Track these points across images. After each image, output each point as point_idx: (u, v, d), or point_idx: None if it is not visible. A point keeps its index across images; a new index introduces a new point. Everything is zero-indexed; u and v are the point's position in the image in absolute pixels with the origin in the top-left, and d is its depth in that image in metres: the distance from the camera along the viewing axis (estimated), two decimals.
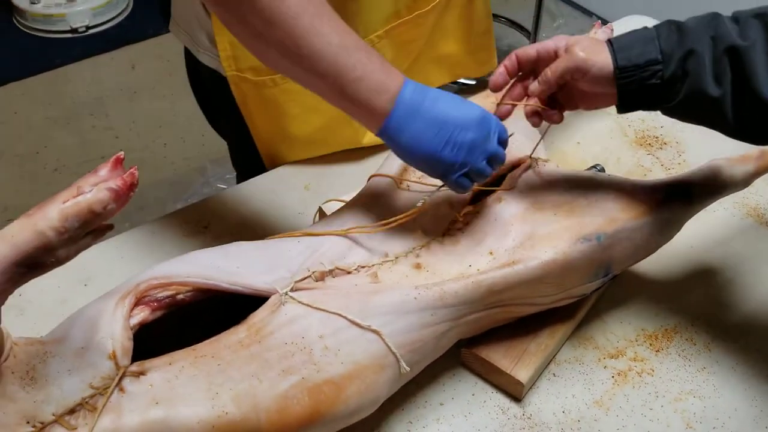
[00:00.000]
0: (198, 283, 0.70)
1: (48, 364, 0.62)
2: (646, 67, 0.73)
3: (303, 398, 0.67)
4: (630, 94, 0.75)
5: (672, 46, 0.72)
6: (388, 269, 0.79)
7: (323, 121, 1.06)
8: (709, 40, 0.72)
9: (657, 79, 0.73)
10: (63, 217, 0.53)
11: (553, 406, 0.83)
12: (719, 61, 0.71)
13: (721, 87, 0.71)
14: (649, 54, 0.73)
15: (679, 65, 0.72)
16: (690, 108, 0.74)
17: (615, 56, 0.74)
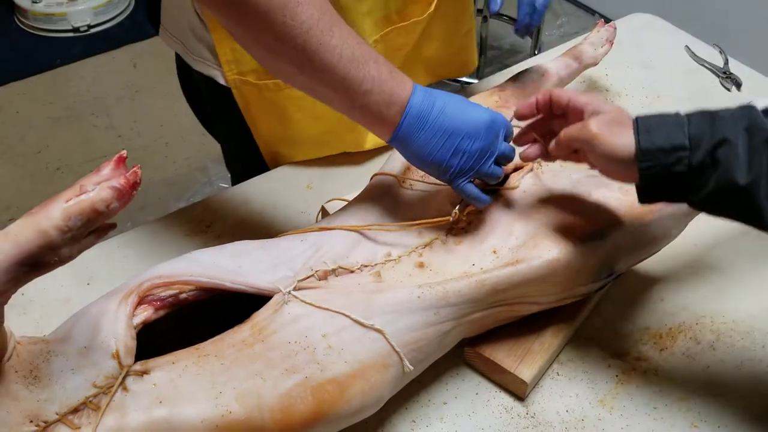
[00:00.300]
0: (201, 282, 0.70)
1: (51, 363, 0.62)
2: (672, 152, 0.68)
3: (306, 397, 0.67)
4: (652, 180, 0.69)
5: (702, 133, 0.68)
6: (391, 268, 0.79)
7: (326, 124, 1.06)
8: (742, 131, 0.67)
9: (683, 166, 0.68)
10: (66, 216, 0.52)
11: (556, 406, 0.83)
12: (755, 152, 0.66)
13: (752, 174, 0.66)
14: (676, 138, 0.68)
15: (709, 154, 0.67)
16: (720, 200, 0.69)
17: (638, 137, 0.69)
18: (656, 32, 1.41)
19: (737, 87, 1.28)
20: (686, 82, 1.28)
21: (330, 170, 1.11)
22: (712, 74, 1.30)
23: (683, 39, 1.38)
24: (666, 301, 0.94)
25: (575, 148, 0.75)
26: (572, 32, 2.88)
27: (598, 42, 1.14)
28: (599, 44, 1.14)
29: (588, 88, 1.26)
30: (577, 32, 2.81)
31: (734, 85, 1.28)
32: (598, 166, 0.74)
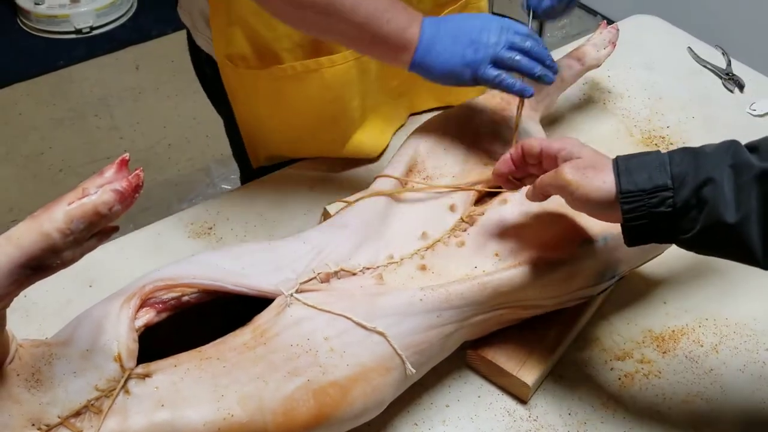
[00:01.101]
0: (203, 284, 0.70)
1: (53, 366, 0.62)
2: (655, 193, 0.66)
3: (308, 400, 0.67)
4: (637, 222, 0.68)
5: (685, 172, 0.66)
6: (393, 271, 0.79)
7: (304, 120, 1.07)
8: (728, 168, 0.65)
9: (667, 206, 0.66)
10: (68, 218, 0.52)
11: (559, 408, 0.83)
12: (743, 190, 0.64)
13: (740, 212, 0.64)
14: (658, 179, 0.66)
15: (694, 193, 0.65)
16: (710, 239, 0.67)
17: (619, 179, 0.67)
18: (658, 34, 1.41)
19: (740, 88, 1.27)
20: (688, 84, 1.28)
21: (332, 172, 1.11)
22: (715, 75, 1.30)
23: (685, 40, 1.38)
24: (669, 304, 0.94)
25: (551, 194, 0.74)
26: (574, 33, 2.87)
27: (600, 44, 1.14)
28: (602, 46, 1.14)
29: (590, 89, 1.26)
30: (579, 34, 2.80)
31: (737, 86, 1.28)
32: (578, 210, 0.73)
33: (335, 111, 1.05)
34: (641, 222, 0.67)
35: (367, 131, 1.10)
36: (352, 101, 1.05)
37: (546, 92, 1.04)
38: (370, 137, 1.11)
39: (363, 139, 1.10)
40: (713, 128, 1.19)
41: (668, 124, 1.20)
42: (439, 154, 0.92)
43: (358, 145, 1.10)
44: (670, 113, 1.22)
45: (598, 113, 1.22)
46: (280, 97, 1.03)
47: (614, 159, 0.70)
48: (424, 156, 0.91)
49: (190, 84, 1.17)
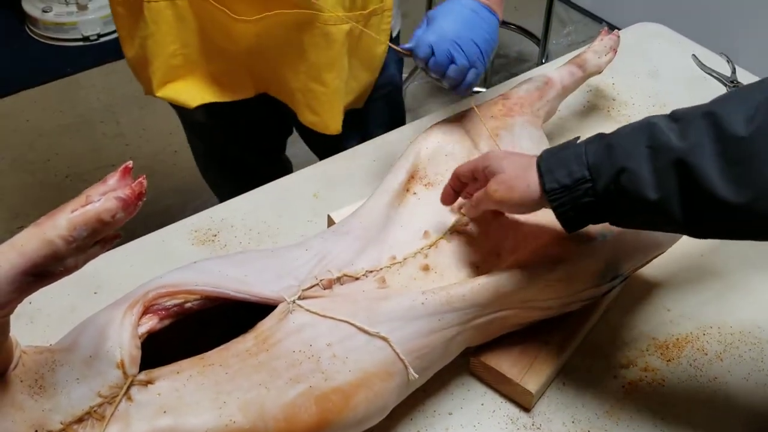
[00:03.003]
0: (206, 291, 0.71)
1: (56, 373, 0.62)
2: (576, 187, 0.70)
3: (310, 407, 0.67)
4: (568, 214, 0.72)
5: (600, 161, 0.69)
6: (396, 272, 0.79)
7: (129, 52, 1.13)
8: (645, 150, 0.67)
9: (590, 196, 0.70)
10: (71, 226, 0.53)
11: (562, 417, 0.83)
12: (662, 172, 0.66)
13: (662, 190, 0.66)
14: (577, 173, 0.70)
15: (611, 182, 0.68)
16: (635, 216, 0.71)
17: (542, 179, 0.72)
18: (663, 41, 1.41)
19: None
20: (693, 91, 1.28)
21: (337, 179, 1.11)
22: (720, 83, 1.30)
23: (690, 48, 1.38)
24: (673, 311, 0.94)
25: (489, 209, 0.81)
26: (579, 41, 2.87)
27: (601, 50, 1.14)
28: (603, 53, 1.14)
29: (594, 96, 1.26)
30: (584, 41, 2.81)
31: None
32: (517, 214, 0.81)
33: (152, 48, 1.09)
34: (571, 213, 0.72)
35: (189, 83, 1.14)
36: (169, 44, 1.09)
37: (546, 99, 1.04)
38: (190, 89, 1.14)
39: (182, 88, 1.14)
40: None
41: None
42: (440, 161, 0.92)
43: (174, 92, 1.13)
44: None
45: (602, 121, 1.22)
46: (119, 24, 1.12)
47: (537, 159, 0.74)
48: (425, 162, 0.91)
49: None
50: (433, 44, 0.91)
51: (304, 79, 1.10)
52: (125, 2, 1.09)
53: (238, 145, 1.37)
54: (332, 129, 1.14)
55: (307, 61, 1.08)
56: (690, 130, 0.66)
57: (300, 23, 1.05)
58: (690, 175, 0.64)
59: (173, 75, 1.13)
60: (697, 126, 0.65)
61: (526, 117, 0.99)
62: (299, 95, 1.13)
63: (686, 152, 0.65)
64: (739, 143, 0.63)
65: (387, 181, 0.89)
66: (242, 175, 1.41)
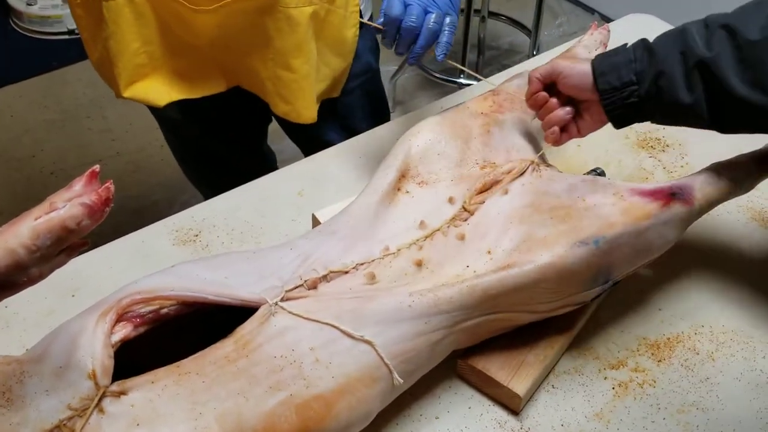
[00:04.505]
0: (183, 296, 0.68)
1: (25, 385, 0.60)
2: (624, 89, 0.82)
3: (290, 416, 0.65)
4: (615, 112, 0.84)
5: (644, 68, 0.81)
6: (387, 265, 0.76)
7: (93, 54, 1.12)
8: (678, 56, 0.79)
9: (635, 98, 0.82)
10: (34, 234, 0.50)
11: (551, 420, 0.81)
12: (690, 74, 0.78)
13: (693, 94, 0.78)
14: (625, 77, 0.82)
15: (652, 84, 0.80)
16: (671, 116, 0.83)
17: (596, 81, 0.83)
18: (655, 32, 1.38)
19: None
20: None
21: (322, 177, 1.09)
22: None
23: None
24: (664, 311, 0.92)
25: (547, 81, 0.88)
26: (571, 32, 2.85)
27: (592, 45, 1.11)
28: (593, 47, 1.11)
29: None
30: (576, 32, 2.78)
31: None
32: (569, 91, 0.87)
33: (115, 49, 1.07)
34: (619, 111, 0.84)
35: (156, 81, 1.12)
36: (132, 43, 1.07)
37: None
38: (157, 88, 1.12)
39: (149, 87, 1.12)
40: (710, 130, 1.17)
41: (664, 126, 1.18)
42: (432, 159, 0.90)
43: (142, 91, 1.12)
44: None
45: None
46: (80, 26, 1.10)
47: (591, 61, 0.85)
48: (417, 161, 0.89)
49: None
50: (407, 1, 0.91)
51: (272, 66, 1.08)
52: (84, 4, 1.07)
53: (213, 139, 1.35)
54: (306, 117, 1.12)
55: (272, 47, 1.06)
56: (713, 38, 0.77)
57: (261, 8, 1.02)
58: (713, 76, 0.77)
59: (138, 74, 1.11)
60: (719, 36, 0.77)
61: (516, 113, 0.97)
62: (269, 84, 1.11)
63: (710, 58, 0.76)
64: (753, 47, 0.75)
65: (376, 180, 0.87)
66: (221, 169, 1.39)
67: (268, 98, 1.13)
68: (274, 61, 1.07)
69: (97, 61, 1.14)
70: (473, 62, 2.57)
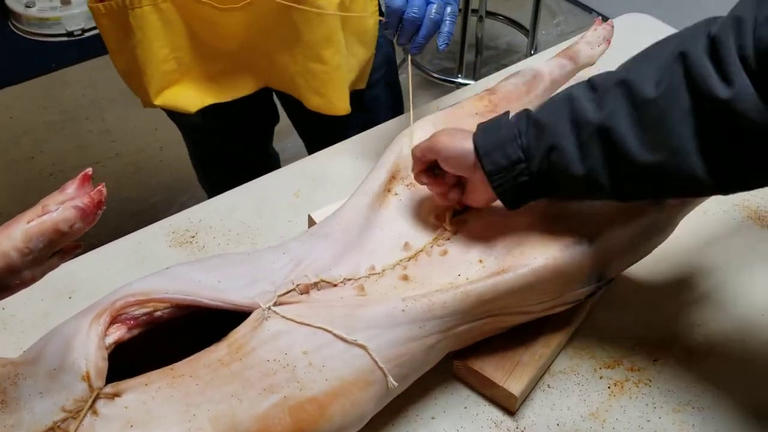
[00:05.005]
0: (177, 299, 0.68)
1: (19, 387, 0.60)
2: (513, 167, 0.74)
3: (284, 418, 0.65)
4: (507, 192, 0.76)
5: (532, 144, 0.73)
6: (374, 282, 0.77)
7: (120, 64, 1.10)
8: (568, 125, 0.71)
9: (525, 176, 0.74)
10: (27, 237, 0.51)
11: (547, 419, 0.81)
12: (585, 144, 0.70)
13: (588, 163, 0.71)
14: (512, 154, 0.74)
15: (544, 159, 0.73)
16: (567, 190, 0.75)
17: (481, 161, 0.75)
18: (652, 32, 1.38)
19: None
20: None
21: (318, 178, 1.09)
22: None
23: None
24: (659, 310, 0.92)
25: (428, 158, 0.80)
26: (569, 31, 2.85)
27: (594, 41, 1.11)
28: (596, 43, 1.11)
29: None
30: (574, 31, 2.78)
31: None
32: (451, 171, 0.79)
33: (143, 57, 1.06)
34: (511, 191, 0.76)
35: (186, 87, 1.11)
36: (160, 50, 1.06)
37: (534, 93, 1.02)
38: (187, 94, 1.11)
39: (179, 93, 1.11)
40: None
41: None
42: None
43: (172, 98, 1.11)
44: None
45: None
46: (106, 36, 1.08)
47: (473, 138, 0.77)
48: (407, 162, 0.89)
49: None
50: None
51: (303, 60, 1.08)
52: (109, 14, 1.06)
53: (232, 141, 1.35)
54: (339, 109, 1.12)
55: (302, 41, 1.06)
56: (606, 99, 0.70)
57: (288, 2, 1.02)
58: (610, 143, 0.69)
59: (168, 81, 1.10)
60: (613, 95, 0.69)
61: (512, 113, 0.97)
62: (300, 79, 1.10)
63: (604, 122, 0.69)
64: (649, 106, 0.67)
65: (368, 182, 0.87)
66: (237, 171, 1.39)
67: (299, 93, 1.12)
68: (304, 54, 1.07)
69: (124, 71, 1.13)
70: (471, 62, 2.57)
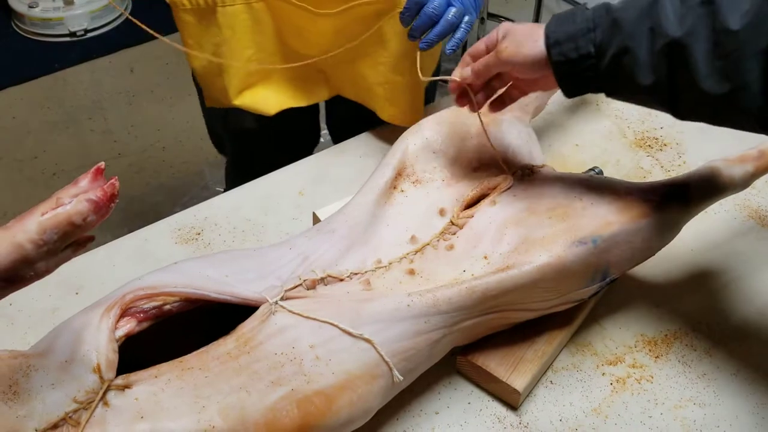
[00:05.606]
0: (185, 293, 0.69)
1: (31, 378, 0.61)
2: (581, 61, 0.73)
3: (292, 410, 0.65)
4: (569, 85, 0.76)
5: (606, 40, 0.72)
6: (381, 276, 0.78)
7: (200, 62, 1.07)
8: (647, 32, 0.70)
9: (592, 72, 0.73)
10: (41, 229, 0.51)
11: (550, 415, 0.82)
12: (656, 55, 0.70)
13: (655, 76, 0.70)
14: (583, 48, 0.73)
15: (614, 60, 0.72)
16: (631, 96, 0.75)
17: (549, 51, 0.74)
18: None
19: None
20: None
21: (322, 176, 1.10)
22: None
23: None
24: (661, 308, 0.93)
25: (492, 71, 0.80)
26: None
27: None
28: None
29: None
30: None
31: None
32: (519, 76, 0.79)
33: (228, 55, 1.05)
34: (573, 85, 0.76)
35: (266, 89, 1.10)
36: (245, 49, 1.05)
37: (536, 95, 1.03)
38: (267, 95, 1.10)
39: (259, 95, 1.10)
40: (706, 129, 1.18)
41: (661, 125, 1.19)
42: (428, 158, 0.91)
43: (252, 99, 1.10)
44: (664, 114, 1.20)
45: (591, 115, 1.21)
46: (186, 32, 1.06)
47: (545, 30, 0.75)
48: (412, 159, 0.90)
49: (184, 87, 1.17)
50: None
51: (384, 71, 1.08)
52: (194, 10, 1.03)
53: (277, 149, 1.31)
54: (412, 120, 1.11)
55: (387, 51, 1.06)
56: (689, 15, 0.68)
57: (381, 11, 1.02)
58: (682, 61, 0.68)
59: (249, 81, 1.08)
60: (697, 13, 0.67)
61: (514, 113, 0.98)
62: (379, 89, 1.10)
63: (682, 39, 0.67)
64: (729, 36, 0.66)
65: (374, 178, 0.88)
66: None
67: (374, 103, 1.12)
68: (387, 65, 1.07)
69: (202, 68, 1.10)
70: None
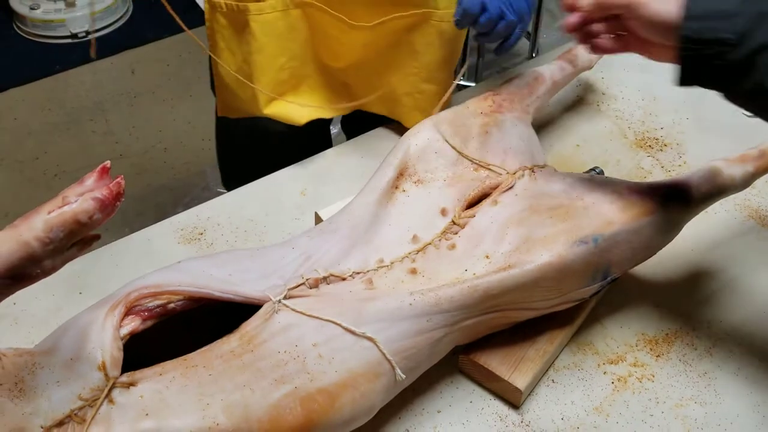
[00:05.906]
0: (189, 291, 0.70)
1: (37, 376, 0.61)
2: (714, 45, 0.63)
3: (295, 408, 0.66)
4: (690, 66, 0.66)
5: (749, 31, 0.62)
6: (383, 275, 0.78)
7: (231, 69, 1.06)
8: None
9: (722, 61, 0.64)
10: (48, 227, 0.52)
11: (552, 413, 0.82)
12: None
13: None
14: (722, 32, 0.63)
15: (751, 55, 0.62)
16: (752, 101, 0.66)
17: (684, 22, 0.64)
18: None
19: None
20: None
21: (324, 176, 1.11)
22: None
23: None
24: (662, 307, 0.93)
25: (612, 11, 0.72)
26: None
27: None
28: None
29: (583, 91, 1.25)
30: None
31: None
32: (638, 32, 0.71)
33: (260, 63, 1.03)
34: (695, 67, 0.66)
35: (297, 98, 1.09)
36: (278, 57, 1.04)
37: (536, 95, 1.03)
38: (296, 106, 1.09)
39: (290, 105, 1.08)
40: (707, 129, 1.19)
41: (662, 126, 1.20)
42: (430, 158, 0.91)
43: (282, 109, 1.08)
44: (664, 114, 1.22)
45: (591, 115, 1.22)
46: (218, 36, 1.05)
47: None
48: (415, 159, 0.90)
49: (185, 88, 1.17)
50: (486, 2, 0.92)
51: (414, 81, 1.08)
52: (229, 14, 1.02)
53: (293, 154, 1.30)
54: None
55: (418, 62, 1.06)
56: None
57: (412, 24, 1.02)
58: None
59: (280, 90, 1.07)
60: None
61: (515, 113, 0.98)
62: (407, 99, 1.10)
63: None
64: None
65: (375, 178, 0.88)
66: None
67: (399, 114, 1.12)
68: (418, 75, 1.07)
69: (228, 75, 1.08)
70: (473, 65, 2.58)
